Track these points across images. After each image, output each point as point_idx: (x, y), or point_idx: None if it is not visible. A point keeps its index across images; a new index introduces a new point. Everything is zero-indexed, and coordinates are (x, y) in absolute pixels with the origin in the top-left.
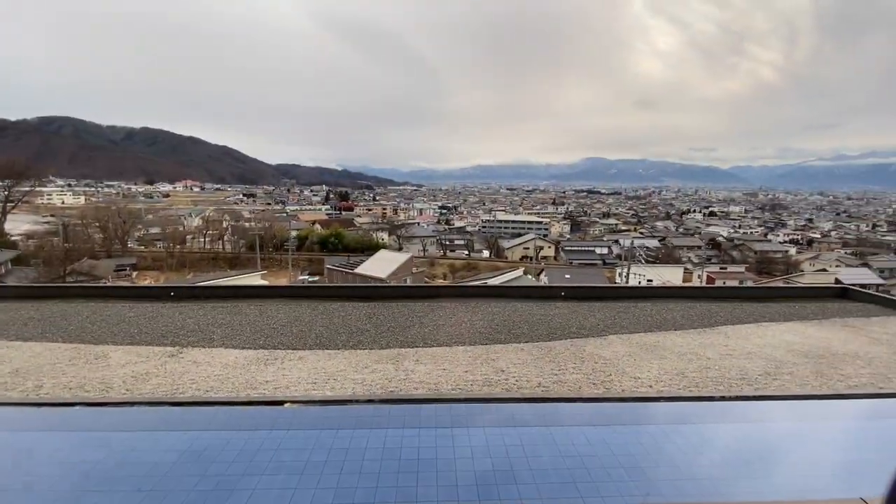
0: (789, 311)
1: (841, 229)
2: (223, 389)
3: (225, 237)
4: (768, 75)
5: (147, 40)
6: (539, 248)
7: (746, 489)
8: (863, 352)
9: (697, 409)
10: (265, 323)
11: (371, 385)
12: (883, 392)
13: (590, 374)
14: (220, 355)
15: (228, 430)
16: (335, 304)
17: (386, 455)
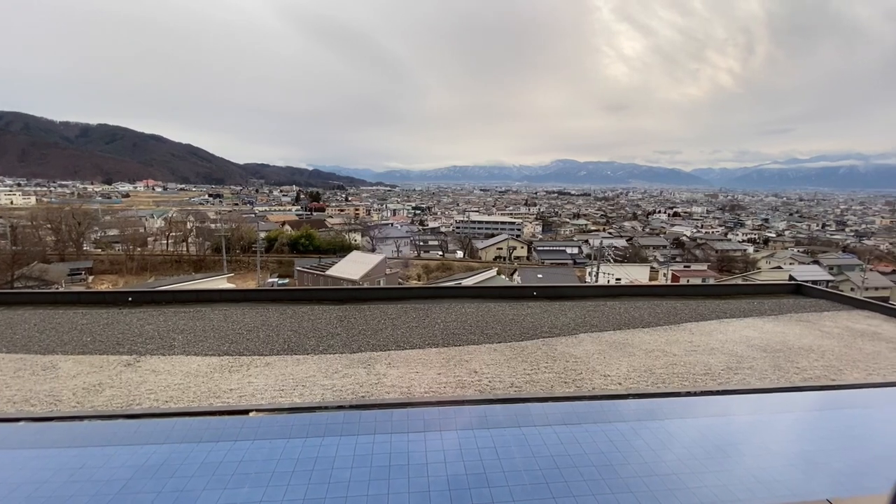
0: (748, 307)
1: (794, 229)
2: (184, 399)
3: (189, 239)
4: (726, 81)
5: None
6: (512, 249)
7: (712, 483)
8: (816, 345)
9: (665, 405)
10: (230, 328)
11: (341, 390)
12: (835, 384)
13: (561, 373)
14: (182, 363)
15: (188, 442)
16: (305, 307)
17: (356, 462)
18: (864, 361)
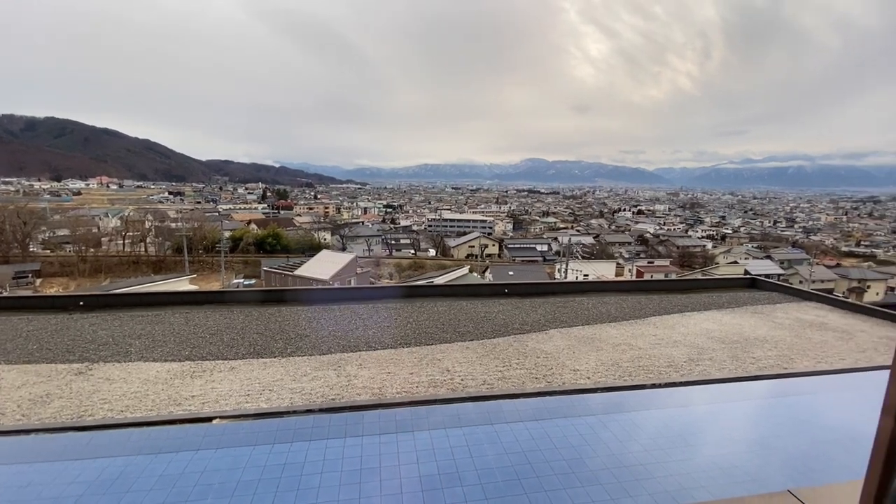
0: (708, 300)
1: (748, 225)
2: (141, 408)
3: (148, 239)
4: (686, 84)
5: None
6: (484, 246)
7: (677, 472)
8: (769, 336)
9: (631, 398)
10: (192, 332)
11: (310, 394)
12: (787, 372)
13: (532, 369)
14: (139, 370)
15: (146, 453)
16: (272, 308)
17: (326, 467)
18: (812, 350)
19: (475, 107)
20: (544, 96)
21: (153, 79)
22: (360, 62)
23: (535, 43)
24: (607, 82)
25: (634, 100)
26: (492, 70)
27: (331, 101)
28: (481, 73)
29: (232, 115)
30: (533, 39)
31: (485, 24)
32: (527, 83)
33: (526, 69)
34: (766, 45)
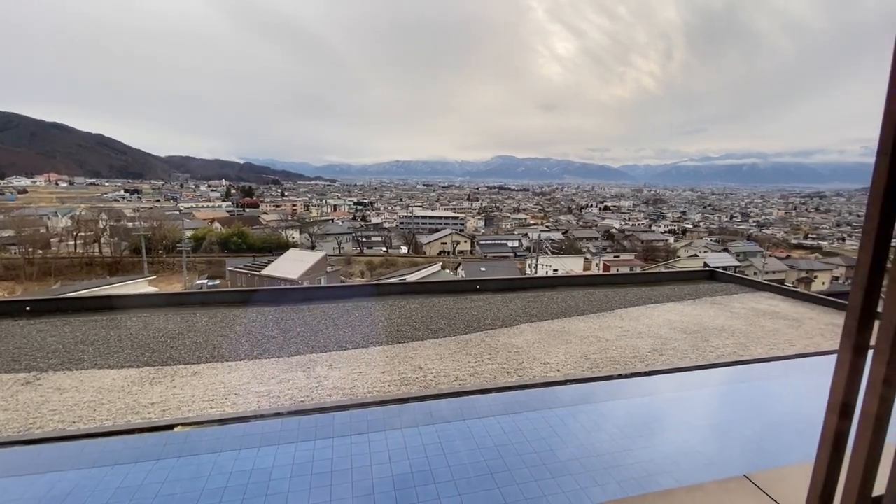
0: (670, 292)
1: (707, 220)
2: (95, 419)
3: (102, 239)
4: (649, 84)
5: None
6: (456, 243)
7: (642, 459)
8: (727, 325)
9: (599, 389)
10: (151, 336)
11: (279, 397)
12: (743, 359)
13: (504, 364)
14: (93, 378)
15: (102, 465)
16: (237, 309)
17: (296, 471)
18: (766, 338)
19: (446, 104)
20: (514, 94)
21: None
22: (329, 58)
23: (504, 41)
24: (574, 81)
25: (600, 98)
26: (462, 67)
27: (299, 96)
28: (451, 69)
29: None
30: (501, 37)
31: (454, 20)
32: (496, 81)
33: (495, 67)
34: (723, 47)
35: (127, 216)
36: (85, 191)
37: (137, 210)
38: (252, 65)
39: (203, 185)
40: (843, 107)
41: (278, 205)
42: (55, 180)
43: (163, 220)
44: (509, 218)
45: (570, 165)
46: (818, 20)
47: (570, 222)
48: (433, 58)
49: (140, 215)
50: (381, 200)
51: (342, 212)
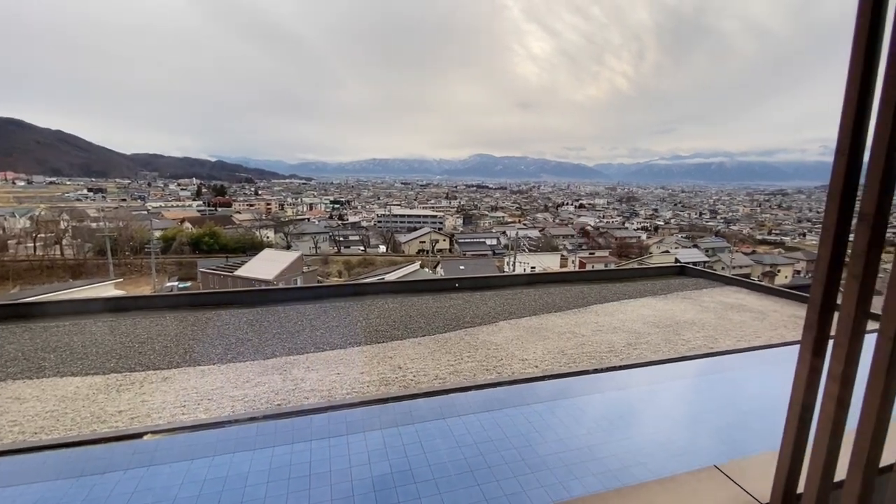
0: (643, 288)
1: (678, 217)
2: (59, 429)
3: (64, 241)
4: (622, 84)
5: None
6: (435, 242)
7: (618, 451)
8: (697, 319)
9: (576, 384)
10: (118, 341)
11: (254, 401)
12: (713, 351)
13: (483, 361)
14: (55, 386)
15: (66, 477)
16: (210, 312)
17: (273, 476)
18: (734, 330)
19: (423, 102)
20: (491, 93)
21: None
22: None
23: (481, 39)
24: (550, 80)
25: (576, 98)
26: (439, 65)
27: (273, 93)
28: (429, 68)
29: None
30: (478, 36)
31: (430, 19)
32: (474, 79)
33: (472, 65)
34: (692, 49)
35: (90, 216)
36: (45, 190)
37: (102, 210)
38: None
39: (172, 184)
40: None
41: (252, 204)
42: (12, 179)
43: (129, 220)
44: (487, 216)
45: (547, 164)
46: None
47: (546, 220)
48: (410, 56)
49: (105, 215)
50: (359, 199)
51: (318, 211)
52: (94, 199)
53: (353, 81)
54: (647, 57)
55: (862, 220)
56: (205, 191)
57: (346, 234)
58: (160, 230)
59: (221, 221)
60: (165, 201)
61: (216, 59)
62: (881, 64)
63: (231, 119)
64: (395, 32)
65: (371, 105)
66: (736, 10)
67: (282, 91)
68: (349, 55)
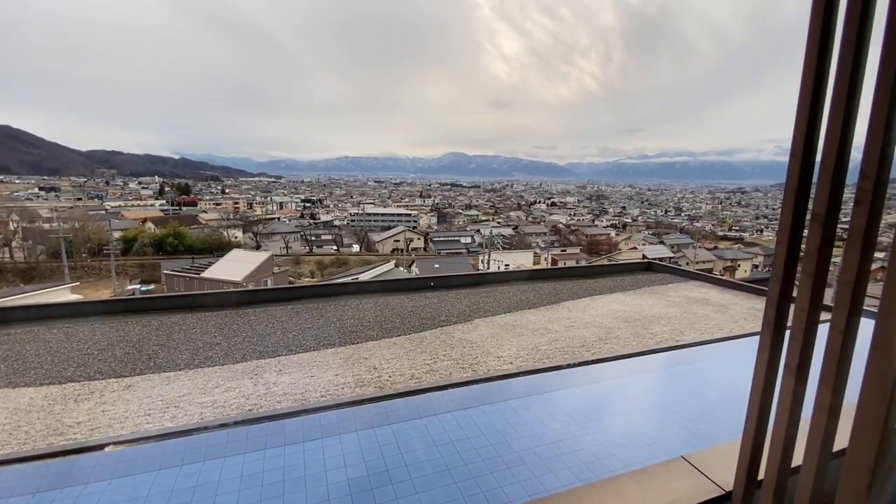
0: (613, 283)
1: (645, 215)
2: (11, 443)
3: (14, 243)
4: (590, 85)
5: None
6: (409, 240)
7: (591, 443)
8: (664, 313)
9: (549, 379)
10: (75, 348)
11: (224, 407)
12: (679, 344)
13: (459, 360)
14: (6, 398)
15: (20, 495)
16: (174, 316)
17: (245, 483)
18: (698, 323)
19: (396, 99)
20: (463, 91)
21: (13, 56)
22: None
23: (452, 37)
24: (521, 80)
25: (546, 98)
26: (411, 63)
27: (239, 89)
28: (401, 65)
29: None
30: (450, 34)
31: (401, 15)
32: (446, 77)
33: (444, 63)
34: (656, 51)
35: (43, 216)
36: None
37: (55, 209)
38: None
39: (133, 182)
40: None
41: (219, 203)
42: None
43: (86, 220)
44: (462, 214)
45: (519, 163)
46: (738, 29)
47: (519, 218)
48: (382, 53)
49: (59, 215)
50: (331, 197)
51: (289, 209)
52: (46, 199)
53: (324, 78)
54: (613, 58)
55: (814, 220)
56: (168, 189)
57: (319, 234)
58: (120, 231)
59: (186, 221)
60: (125, 200)
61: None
62: (831, 72)
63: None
64: (367, 29)
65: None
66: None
67: (249, 87)
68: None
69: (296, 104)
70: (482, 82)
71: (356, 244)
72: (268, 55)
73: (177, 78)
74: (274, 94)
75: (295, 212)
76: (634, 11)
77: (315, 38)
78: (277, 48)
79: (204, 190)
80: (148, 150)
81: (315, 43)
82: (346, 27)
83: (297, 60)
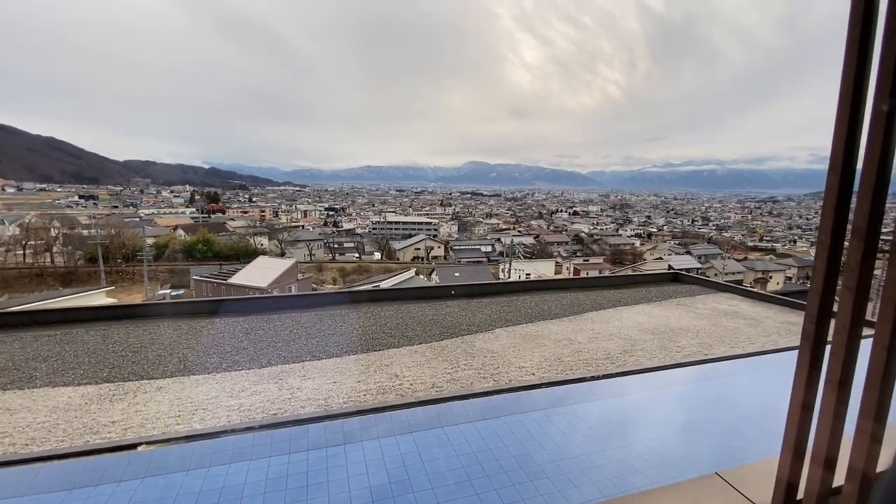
0: (638, 295)
1: (671, 224)
2: (50, 440)
3: (54, 248)
4: (614, 92)
5: None
6: (430, 249)
7: (616, 458)
8: (691, 325)
9: (573, 391)
10: (111, 350)
11: (250, 410)
12: (707, 358)
13: (480, 369)
14: (46, 397)
15: (58, 490)
16: (204, 320)
17: (270, 487)
18: (728, 337)
19: (417, 109)
20: (484, 100)
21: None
22: (298, 61)
23: (474, 47)
24: (543, 88)
25: (569, 106)
26: (433, 73)
27: (266, 99)
28: (423, 76)
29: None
30: (471, 43)
31: (423, 25)
32: (467, 87)
33: (465, 73)
34: (682, 59)
35: (82, 223)
36: (35, 197)
37: (93, 217)
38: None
39: (165, 191)
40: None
41: (246, 211)
42: (1, 185)
43: (122, 227)
44: (482, 223)
45: (541, 171)
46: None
47: (541, 227)
48: (404, 64)
49: (96, 222)
50: (353, 206)
51: (313, 217)
52: (85, 206)
53: (348, 89)
54: (638, 65)
55: (855, 233)
56: (198, 198)
57: (341, 241)
58: (153, 237)
59: (215, 228)
60: (158, 208)
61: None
62: (871, 81)
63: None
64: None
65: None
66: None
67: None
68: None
69: (321, 115)
70: (503, 91)
71: (377, 252)
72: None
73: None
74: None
75: (319, 220)
76: (659, 18)
77: (340, 52)
78: (304, 61)
79: (232, 198)
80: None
81: (340, 56)
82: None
83: (323, 73)
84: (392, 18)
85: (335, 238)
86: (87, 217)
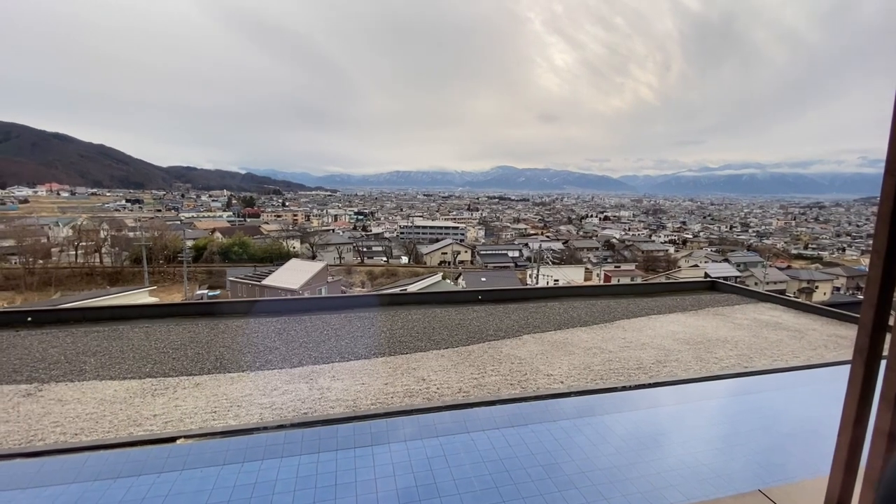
0: (672, 303)
1: (707, 230)
2: (98, 430)
3: (103, 249)
4: (647, 95)
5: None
6: (456, 253)
7: (648, 472)
8: (730, 336)
9: (603, 401)
10: (153, 347)
11: (282, 408)
12: (747, 371)
13: (507, 375)
14: (94, 389)
15: (104, 479)
16: (239, 320)
17: (300, 485)
18: (769, 349)
19: (445, 114)
20: (513, 104)
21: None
22: (328, 67)
23: (502, 51)
24: (572, 92)
25: (599, 109)
26: (460, 77)
27: (299, 106)
28: (450, 80)
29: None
30: (499, 48)
31: (452, 30)
32: (495, 91)
33: (494, 77)
34: (719, 59)
35: (128, 226)
36: (86, 201)
37: (138, 220)
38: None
39: (204, 196)
40: (839, 118)
41: (279, 215)
42: (56, 190)
43: (164, 229)
44: (509, 228)
45: (570, 176)
46: (812, 32)
47: (570, 232)
48: (432, 68)
49: (141, 225)
50: (382, 210)
51: (343, 222)
52: (131, 210)
53: (377, 94)
54: (672, 67)
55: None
56: (235, 202)
57: (370, 245)
58: (192, 239)
59: (250, 231)
60: (198, 212)
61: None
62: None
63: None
64: (421, 48)
65: (394, 118)
66: (766, 19)
67: (309, 106)
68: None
69: (351, 122)
70: (532, 95)
71: (405, 256)
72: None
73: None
74: (332, 113)
75: (348, 224)
76: (695, 18)
77: (370, 59)
78: (336, 69)
79: (266, 203)
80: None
81: (370, 63)
82: (401, 48)
83: (354, 80)
84: (423, 26)
85: (364, 242)
86: (132, 220)
